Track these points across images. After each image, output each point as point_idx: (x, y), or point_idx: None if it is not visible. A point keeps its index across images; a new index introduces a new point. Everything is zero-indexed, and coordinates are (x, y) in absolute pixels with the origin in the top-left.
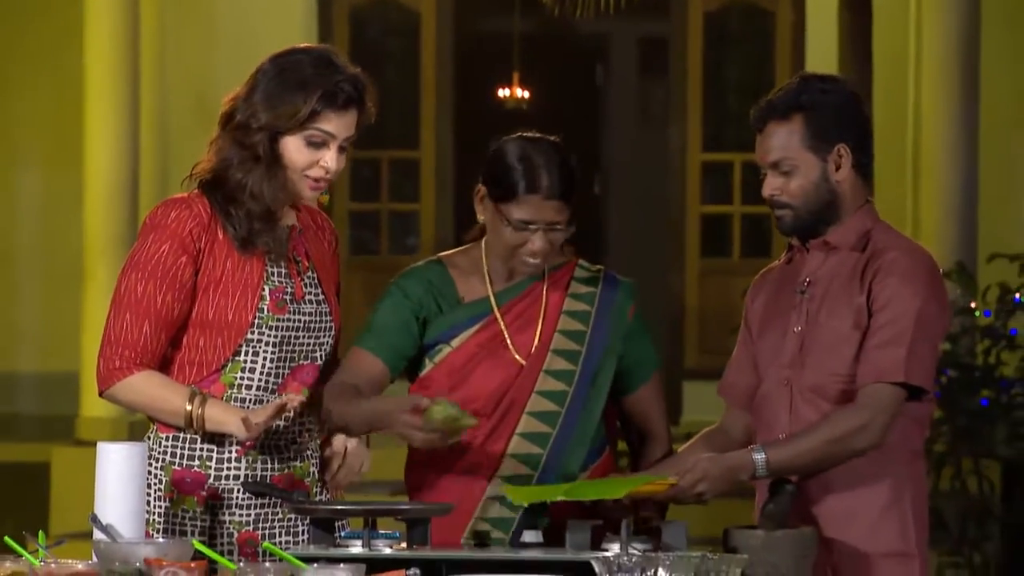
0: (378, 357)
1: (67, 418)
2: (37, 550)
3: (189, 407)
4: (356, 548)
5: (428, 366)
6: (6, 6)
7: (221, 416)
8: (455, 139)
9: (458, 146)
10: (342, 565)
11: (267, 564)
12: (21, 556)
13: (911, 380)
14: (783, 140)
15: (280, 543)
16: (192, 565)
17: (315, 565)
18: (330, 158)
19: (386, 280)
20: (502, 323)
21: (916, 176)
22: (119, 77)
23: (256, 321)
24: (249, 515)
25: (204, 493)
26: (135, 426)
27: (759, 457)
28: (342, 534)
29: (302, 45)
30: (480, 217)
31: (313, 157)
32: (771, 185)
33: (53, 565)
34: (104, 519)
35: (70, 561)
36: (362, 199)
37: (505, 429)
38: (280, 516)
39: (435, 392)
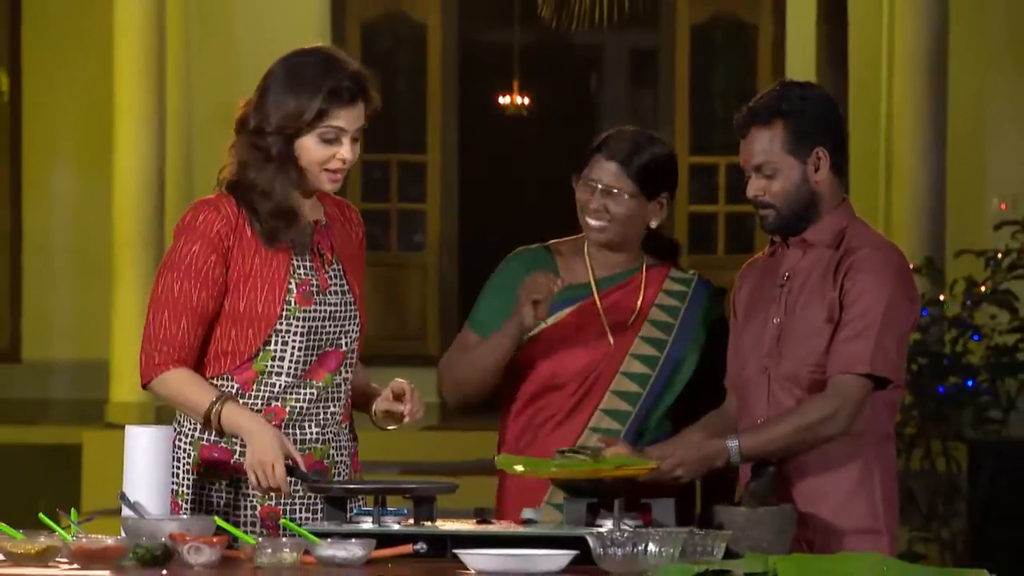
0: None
1: (98, 403)
2: (69, 526)
3: (208, 407)
4: (367, 524)
5: (525, 340)
6: (43, 22)
7: (238, 418)
8: (460, 143)
9: (462, 149)
10: (353, 540)
11: (284, 539)
12: (55, 531)
13: (876, 371)
14: (765, 144)
15: (299, 519)
16: (214, 540)
17: (328, 540)
18: (345, 150)
19: (395, 273)
20: (600, 306)
21: (888, 176)
22: (146, 86)
23: (284, 312)
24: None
25: (230, 468)
26: (161, 411)
27: (732, 444)
28: (354, 511)
29: (306, 47)
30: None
31: (328, 152)
32: (755, 187)
33: (84, 540)
34: (132, 497)
35: (100, 536)
36: (373, 199)
37: (589, 403)
38: (301, 493)
39: (529, 365)
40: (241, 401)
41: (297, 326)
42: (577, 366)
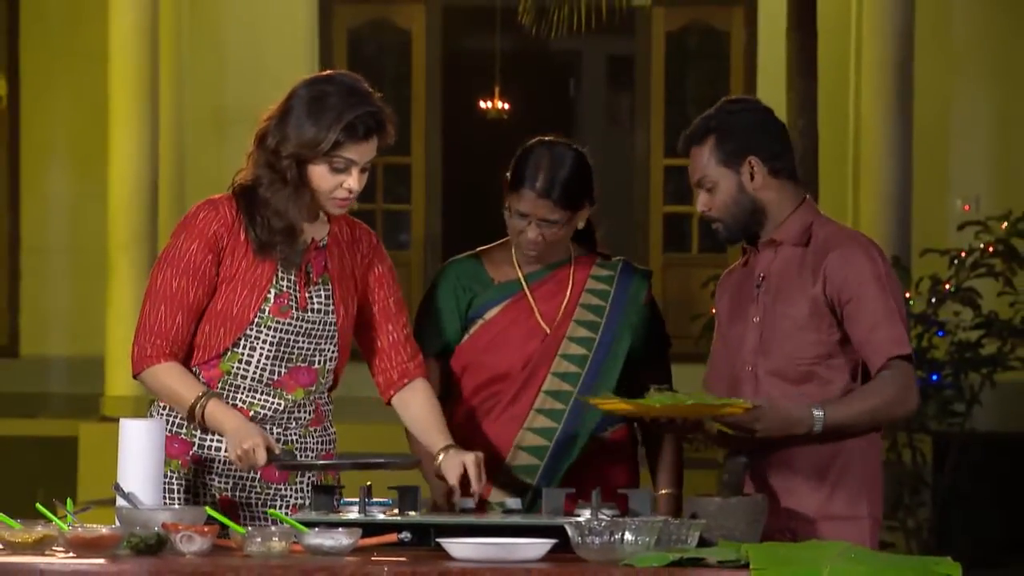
0: (428, 356)
1: (93, 397)
2: (66, 516)
3: (193, 402)
4: (352, 514)
5: (465, 338)
6: (40, 30)
7: (221, 416)
8: (443, 146)
9: (446, 152)
10: (340, 529)
11: (272, 528)
12: (51, 521)
13: (908, 350)
14: (702, 161)
15: (259, 513)
16: (205, 529)
17: (316, 529)
18: (352, 181)
19: None
20: (531, 298)
21: (856, 178)
22: (140, 92)
23: (256, 319)
24: (227, 482)
25: (188, 458)
26: (155, 404)
27: (819, 414)
28: (340, 501)
29: (331, 73)
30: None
31: (337, 180)
32: (701, 202)
33: (80, 529)
34: (126, 488)
35: (95, 526)
36: (359, 200)
37: (533, 386)
38: (258, 489)
39: (471, 359)
40: None
41: (267, 335)
42: (517, 356)
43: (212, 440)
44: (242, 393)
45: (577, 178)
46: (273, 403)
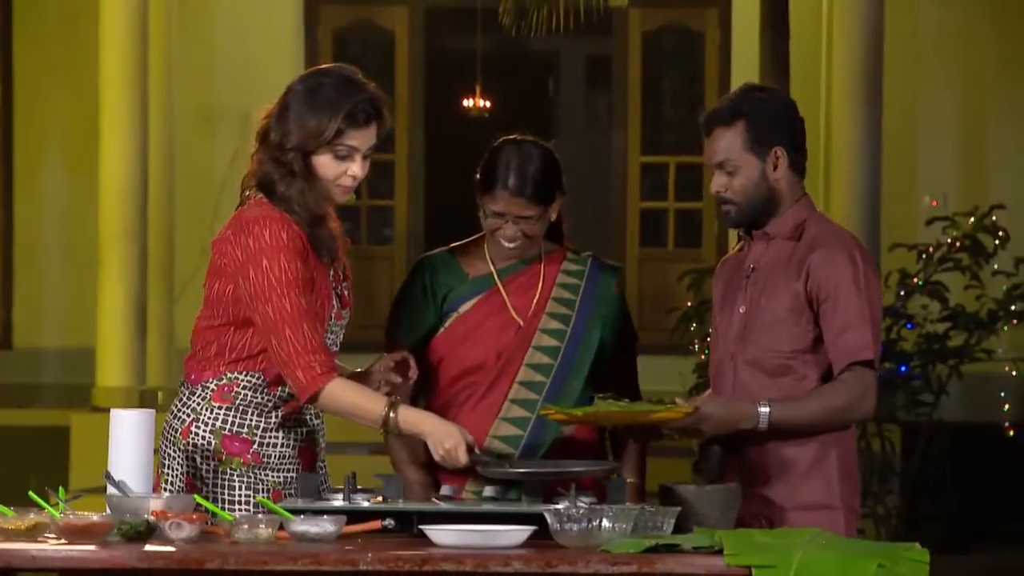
0: (402, 346)
1: (85, 388)
2: (58, 503)
3: (384, 412)
4: (338, 502)
5: (440, 331)
6: (33, 32)
7: (415, 418)
8: (425, 143)
9: (428, 149)
10: (325, 516)
11: (259, 515)
12: (44, 509)
13: (874, 356)
14: (727, 143)
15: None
16: (194, 516)
17: (302, 516)
18: (356, 167)
19: (366, 266)
20: (504, 292)
21: (827, 175)
22: (130, 91)
23: (329, 324)
24: (279, 477)
25: (249, 456)
26: (145, 395)
27: (764, 411)
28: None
29: (325, 67)
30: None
31: (341, 168)
32: (717, 183)
33: (72, 516)
34: (117, 476)
35: (87, 513)
36: None
37: (507, 377)
38: (295, 482)
39: (447, 351)
40: (264, 398)
41: (330, 339)
42: (490, 349)
43: (270, 437)
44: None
45: (546, 172)
46: None
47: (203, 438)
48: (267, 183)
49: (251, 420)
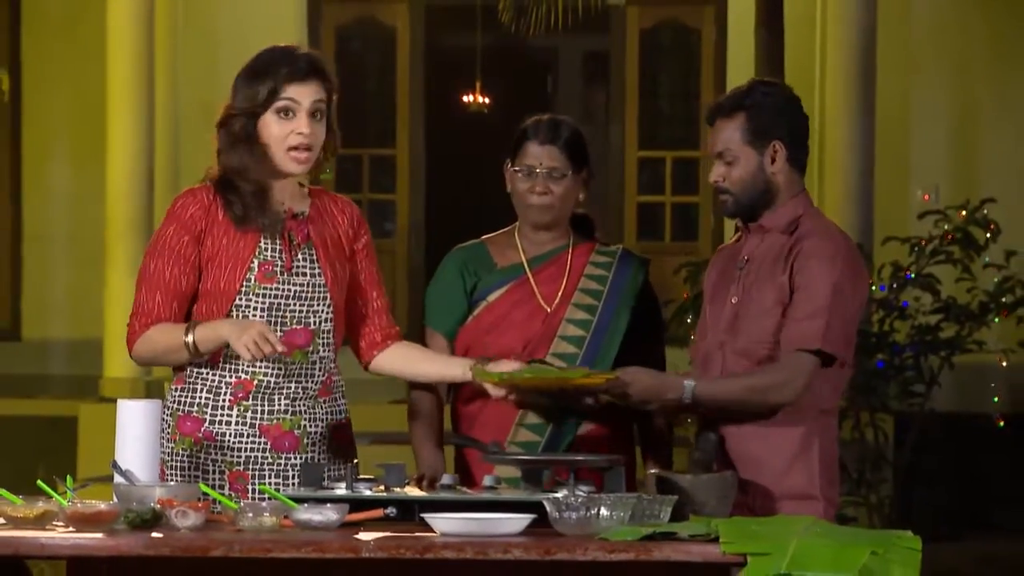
0: (438, 332)
1: (92, 378)
2: (65, 492)
3: (184, 338)
4: (341, 490)
5: (469, 320)
6: (40, 26)
7: (211, 328)
8: (426, 138)
9: (429, 144)
10: (328, 505)
11: (264, 503)
12: (52, 497)
13: (826, 348)
14: (727, 134)
15: (271, 484)
16: (199, 505)
17: (305, 504)
18: (301, 124)
19: None
20: (533, 281)
21: (821, 170)
22: (136, 87)
23: (243, 289)
24: (239, 456)
25: (200, 435)
26: (151, 385)
27: (688, 384)
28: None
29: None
30: (508, 188)
31: (287, 127)
32: (716, 173)
33: (79, 505)
34: (123, 466)
35: (94, 502)
36: (345, 190)
37: None
38: (269, 460)
39: (474, 340)
40: (210, 373)
41: (257, 302)
42: (519, 337)
43: (222, 415)
44: (243, 363)
45: (577, 136)
46: (274, 368)
47: (166, 422)
48: (221, 163)
49: (200, 398)
